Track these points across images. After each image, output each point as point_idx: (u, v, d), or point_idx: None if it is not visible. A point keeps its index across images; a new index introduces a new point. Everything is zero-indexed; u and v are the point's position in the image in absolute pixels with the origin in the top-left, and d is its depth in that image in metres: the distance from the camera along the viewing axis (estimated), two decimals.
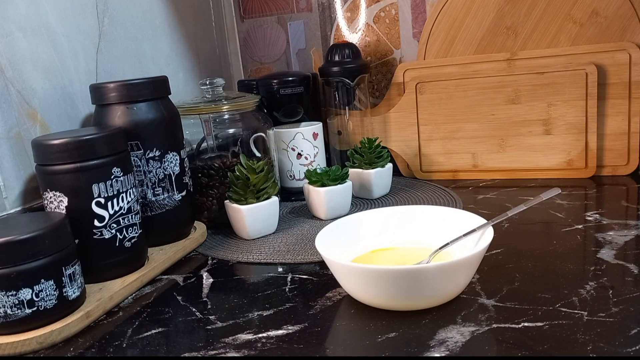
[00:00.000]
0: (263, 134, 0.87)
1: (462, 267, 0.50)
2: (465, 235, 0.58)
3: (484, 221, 0.58)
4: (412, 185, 0.97)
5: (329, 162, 1.03)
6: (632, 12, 0.88)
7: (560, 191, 0.61)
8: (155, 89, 0.71)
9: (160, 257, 0.69)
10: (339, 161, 1.02)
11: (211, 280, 0.65)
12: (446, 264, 0.49)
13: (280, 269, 0.66)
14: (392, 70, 1.07)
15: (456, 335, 0.47)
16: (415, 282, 0.49)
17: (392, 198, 0.91)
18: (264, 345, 0.49)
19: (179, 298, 0.61)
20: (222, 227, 0.82)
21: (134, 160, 0.69)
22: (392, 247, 0.64)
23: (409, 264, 0.58)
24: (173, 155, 0.72)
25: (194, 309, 0.58)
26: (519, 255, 0.63)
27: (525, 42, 0.95)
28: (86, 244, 0.61)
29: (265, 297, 0.59)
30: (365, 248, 0.63)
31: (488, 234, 0.55)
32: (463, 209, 0.79)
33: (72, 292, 0.55)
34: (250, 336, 0.50)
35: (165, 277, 0.67)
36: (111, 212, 0.62)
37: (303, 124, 0.99)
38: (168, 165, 0.72)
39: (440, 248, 0.58)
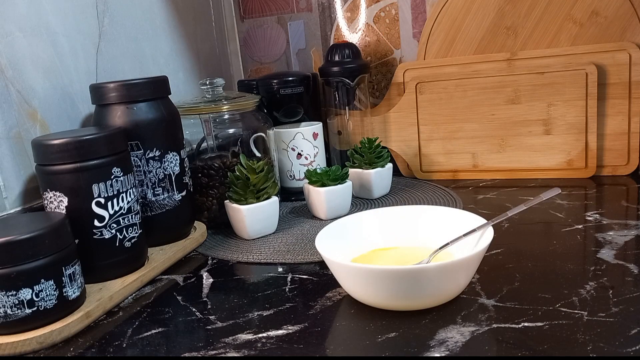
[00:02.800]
0: (263, 134, 0.87)
1: (462, 267, 0.50)
2: (465, 235, 0.58)
3: (484, 221, 0.58)
4: (412, 185, 0.97)
5: (329, 162, 1.03)
6: (632, 12, 0.88)
7: (560, 191, 0.61)
8: (155, 89, 0.71)
9: (160, 257, 0.69)
10: (339, 161, 1.02)
11: (211, 280, 0.65)
12: (446, 264, 0.49)
13: (280, 269, 0.66)
14: (392, 70, 1.07)
15: (456, 335, 0.47)
16: (415, 282, 0.49)
17: (392, 198, 0.91)
18: (264, 345, 0.49)
19: (179, 298, 0.61)
20: (222, 227, 0.82)
21: (134, 160, 0.69)
22: (392, 247, 0.64)
23: (409, 264, 0.58)
24: (173, 155, 0.72)
25: (194, 309, 0.58)
26: (519, 255, 0.63)
27: (525, 42, 0.95)
28: (86, 244, 0.61)
29: (265, 297, 0.59)
30: (365, 248, 0.63)
31: (488, 234, 0.55)
32: (463, 209, 0.79)
33: (72, 292, 0.55)
34: (250, 336, 0.50)
35: (165, 277, 0.67)
36: (111, 212, 0.62)
37: (303, 124, 0.99)
38: (168, 165, 0.72)
39: (440, 248, 0.58)
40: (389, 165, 0.92)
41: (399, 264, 0.59)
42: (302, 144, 0.93)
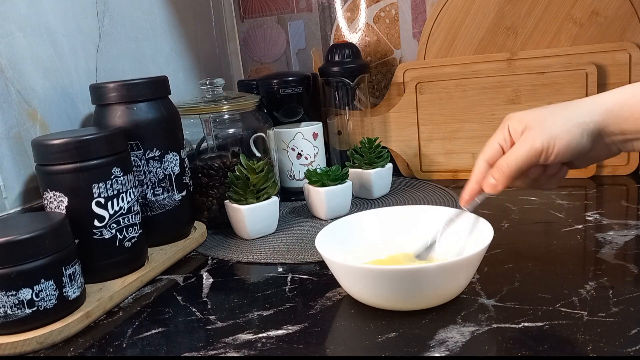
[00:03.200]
0: (263, 134, 0.87)
1: (462, 267, 0.50)
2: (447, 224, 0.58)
3: (484, 221, 0.57)
4: (412, 185, 0.97)
5: (329, 162, 1.03)
6: (632, 12, 0.88)
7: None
8: (155, 89, 0.71)
9: (160, 257, 0.69)
10: (339, 161, 1.02)
11: (211, 280, 0.65)
12: (446, 264, 0.49)
13: (280, 269, 0.66)
14: (392, 70, 1.07)
15: (456, 335, 0.47)
16: (415, 282, 0.49)
17: (392, 198, 0.91)
18: (264, 345, 0.49)
19: (179, 298, 0.61)
20: (222, 227, 0.82)
21: (134, 160, 0.69)
22: (392, 247, 0.64)
23: (409, 264, 0.58)
24: (173, 155, 0.72)
25: (194, 309, 0.58)
26: (519, 255, 0.63)
27: (525, 42, 0.95)
28: (86, 244, 0.61)
29: (265, 297, 0.59)
30: (365, 248, 0.63)
31: (488, 234, 0.55)
32: None
33: (72, 292, 0.55)
34: (250, 336, 0.50)
35: (165, 277, 0.67)
36: (111, 212, 0.62)
37: (303, 124, 0.99)
38: (168, 165, 0.72)
39: (432, 245, 0.58)
40: (389, 165, 0.92)
41: (399, 264, 0.59)
42: (302, 144, 0.93)
